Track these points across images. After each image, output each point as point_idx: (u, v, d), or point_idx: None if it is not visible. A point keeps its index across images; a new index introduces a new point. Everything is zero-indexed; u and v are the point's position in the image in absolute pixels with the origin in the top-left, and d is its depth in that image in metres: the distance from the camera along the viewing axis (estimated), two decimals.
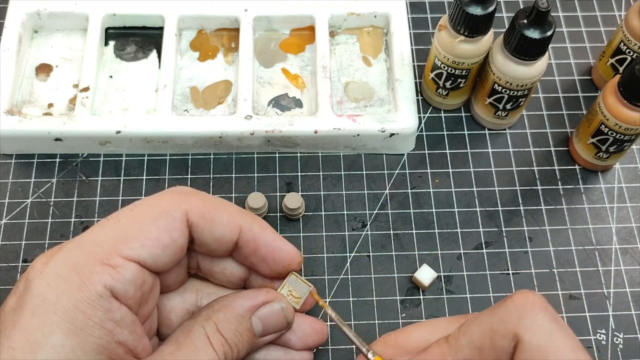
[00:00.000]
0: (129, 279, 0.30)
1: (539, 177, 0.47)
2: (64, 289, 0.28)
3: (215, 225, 0.33)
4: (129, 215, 0.31)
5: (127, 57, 0.49)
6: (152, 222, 0.31)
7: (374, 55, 0.50)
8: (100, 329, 0.28)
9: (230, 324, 0.33)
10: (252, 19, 0.49)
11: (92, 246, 0.30)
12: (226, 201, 0.35)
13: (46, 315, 0.28)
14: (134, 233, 0.31)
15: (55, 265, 0.29)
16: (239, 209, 0.35)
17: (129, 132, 0.45)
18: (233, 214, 0.34)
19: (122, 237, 0.30)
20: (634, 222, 0.46)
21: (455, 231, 0.45)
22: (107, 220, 0.31)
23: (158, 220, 0.31)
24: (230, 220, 0.33)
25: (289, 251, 0.35)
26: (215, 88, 0.48)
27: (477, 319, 0.28)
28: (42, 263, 0.29)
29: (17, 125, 0.44)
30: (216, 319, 0.33)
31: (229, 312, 0.33)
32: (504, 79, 0.43)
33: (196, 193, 0.34)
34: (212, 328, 0.32)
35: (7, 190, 0.45)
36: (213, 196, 0.35)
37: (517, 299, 0.27)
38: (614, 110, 0.42)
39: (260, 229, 0.34)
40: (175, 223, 0.32)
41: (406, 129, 0.46)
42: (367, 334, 0.41)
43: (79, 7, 0.49)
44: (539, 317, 0.27)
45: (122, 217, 0.31)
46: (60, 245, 0.31)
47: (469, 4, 0.41)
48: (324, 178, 0.46)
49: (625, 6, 0.55)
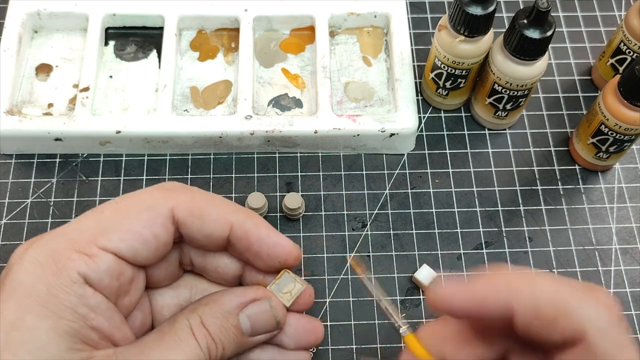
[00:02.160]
0: (104, 268, 0.30)
1: (539, 177, 0.47)
2: (39, 274, 0.29)
3: (204, 222, 0.33)
4: (113, 208, 0.32)
5: (127, 57, 0.49)
6: (134, 216, 0.32)
7: (374, 55, 0.50)
8: (72, 313, 0.29)
9: (215, 319, 0.33)
10: (252, 19, 0.49)
11: (73, 234, 0.31)
12: (218, 197, 0.34)
13: (21, 299, 0.29)
14: (114, 225, 0.31)
15: (34, 252, 0.30)
16: (232, 205, 0.34)
17: (129, 132, 0.45)
18: (223, 211, 0.33)
19: (102, 229, 0.31)
20: (634, 222, 0.46)
21: (455, 231, 0.45)
22: (92, 212, 0.32)
23: (141, 215, 0.32)
24: (220, 217, 0.33)
25: (285, 246, 0.34)
26: (215, 88, 0.48)
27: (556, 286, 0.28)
28: (23, 249, 0.30)
29: (17, 125, 0.44)
30: (201, 312, 0.33)
31: (215, 307, 0.33)
32: (504, 79, 0.43)
33: (185, 189, 0.34)
34: (196, 320, 0.32)
35: (7, 190, 0.45)
36: (204, 192, 0.34)
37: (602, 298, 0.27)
38: (614, 110, 0.42)
39: (254, 225, 0.34)
40: (159, 219, 0.32)
41: (406, 129, 0.46)
42: (367, 334, 0.41)
43: (79, 7, 0.49)
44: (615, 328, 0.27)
45: (106, 209, 0.32)
46: (43, 234, 0.31)
47: (469, 4, 0.41)
48: (324, 178, 0.46)
49: (625, 6, 0.55)
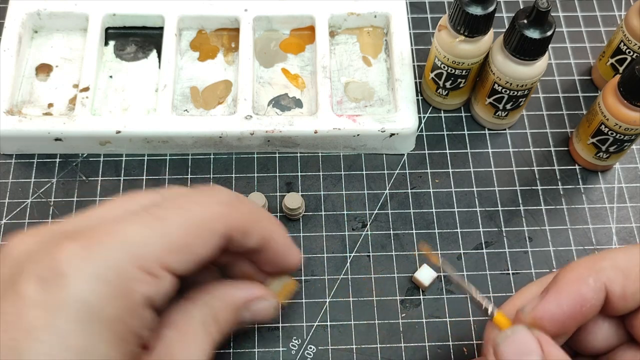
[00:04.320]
0: (165, 291, 0.29)
1: (539, 177, 0.47)
2: (108, 295, 0.26)
3: (248, 239, 0.33)
4: (178, 223, 0.29)
5: (127, 57, 0.49)
6: (199, 236, 0.30)
7: (374, 55, 0.50)
8: (135, 336, 0.28)
9: (227, 315, 0.33)
10: (252, 19, 0.49)
11: (137, 248, 0.28)
12: (261, 211, 0.35)
13: (90, 324, 0.26)
14: (178, 244, 0.29)
15: (98, 266, 0.27)
16: (269, 218, 0.35)
17: (129, 132, 0.45)
18: (265, 227, 0.34)
19: (167, 245, 0.29)
20: (634, 222, 0.46)
21: (455, 231, 0.45)
22: (154, 220, 0.29)
23: (205, 235, 0.30)
24: (262, 234, 0.33)
25: (297, 260, 0.36)
26: (215, 88, 0.48)
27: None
28: (79, 257, 0.27)
29: (17, 125, 0.44)
30: (216, 308, 0.33)
31: (227, 303, 0.34)
32: (504, 79, 0.43)
33: (239, 205, 0.33)
34: (210, 316, 0.32)
35: (7, 190, 0.45)
36: (248, 202, 0.35)
37: None
38: (614, 110, 0.42)
39: (280, 239, 0.35)
40: (215, 240, 0.31)
41: (406, 129, 0.46)
42: (367, 334, 0.41)
43: (79, 7, 0.49)
44: None
45: (171, 221, 0.29)
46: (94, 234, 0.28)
47: (469, 4, 0.41)
48: (324, 178, 0.47)
49: (625, 6, 0.55)
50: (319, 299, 0.42)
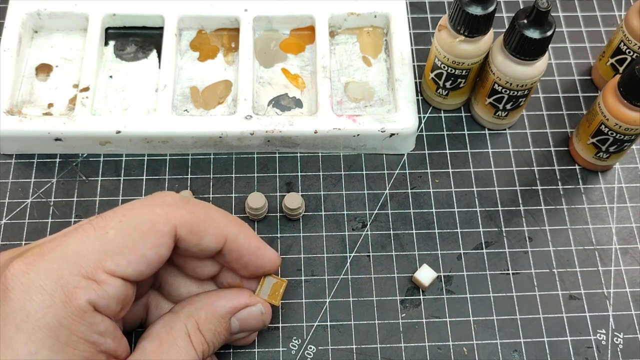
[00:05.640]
0: (112, 295, 0.29)
1: (539, 177, 0.47)
2: (48, 305, 0.28)
3: (202, 238, 0.33)
4: (117, 228, 0.30)
5: (127, 57, 0.49)
6: (140, 237, 0.31)
7: (374, 55, 0.50)
8: (84, 342, 0.28)
9: (210, 324, 0.33)
10: (252, 19, 0.49)
11: (77, 258, 0.29)
12: (215, 209, 0.35)
13: (32, 332, 0.27)
14: (120, 248, 0.30)
15: (39, 277, 0.28)
16: (227, 217, 0.35)
17: (129, 132, 0.45)
18: (220, 226, 0.34)
19: (108, 251, 0.30)
20: (634, 222, 0.46)
21: (455, 231, 0.45)
22: (93, 229, 0.30)
23: (147, 236, 0.31)
24: (217, 233, 0.33)
25: (271, 258, 0.36)
26: (215, 88, 0.48)
27: None
28: (22, 272, 0.28)
29: (17, 125, 0.44)
30: (198, 318, 0.33)
31: (211, 313, 0.34)
32: (504, 79, 0.43)
33: (186, 204, 0.33)
34: (193, 327, 0.33)
35: (7, 190, 0.45)
36: (202, 204, 0.34)
37: None
38: (614, 110, 0.42)
39: (246, 239, 0.35)
40: (163, 239, 0.31)
41: (406, 129, 0.46)
42: (367, 334, 0.41)
43: (79, 7, 0.49)
44: None
45: (109, 228, 0.30)
46: (39, 250, 0.29)
47: (469, 4, 0.41)
48: (324, 178, 0.46)
49: (625, 6, 0.55)
50: (319, 299, 0.42)
